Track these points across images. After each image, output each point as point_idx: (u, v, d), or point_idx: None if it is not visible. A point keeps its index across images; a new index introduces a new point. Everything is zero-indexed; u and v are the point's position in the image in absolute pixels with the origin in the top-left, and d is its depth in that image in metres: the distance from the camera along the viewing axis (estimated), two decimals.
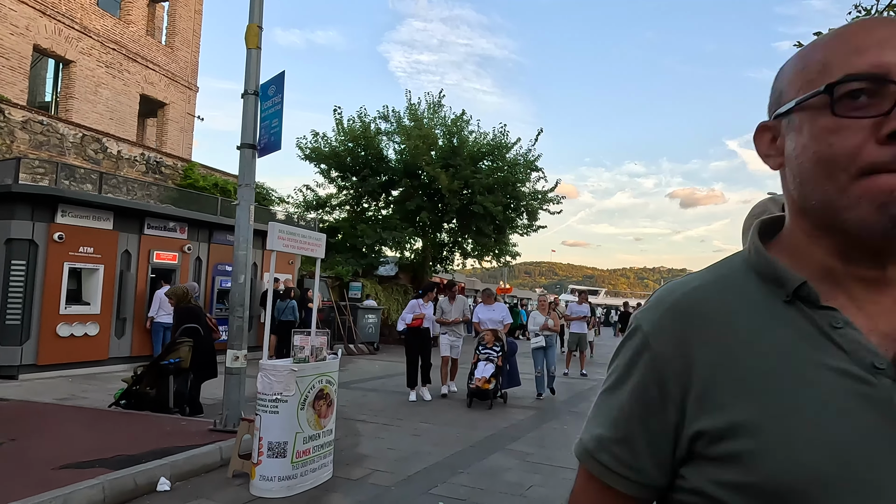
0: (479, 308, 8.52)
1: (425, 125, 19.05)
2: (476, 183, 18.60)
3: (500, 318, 8.21)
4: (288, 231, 4.44)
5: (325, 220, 20.62)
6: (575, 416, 7.35)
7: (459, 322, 8.38)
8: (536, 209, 20.71)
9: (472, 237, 20.51)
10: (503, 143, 19.82)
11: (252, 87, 5.30)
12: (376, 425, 6.34)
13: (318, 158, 19.59)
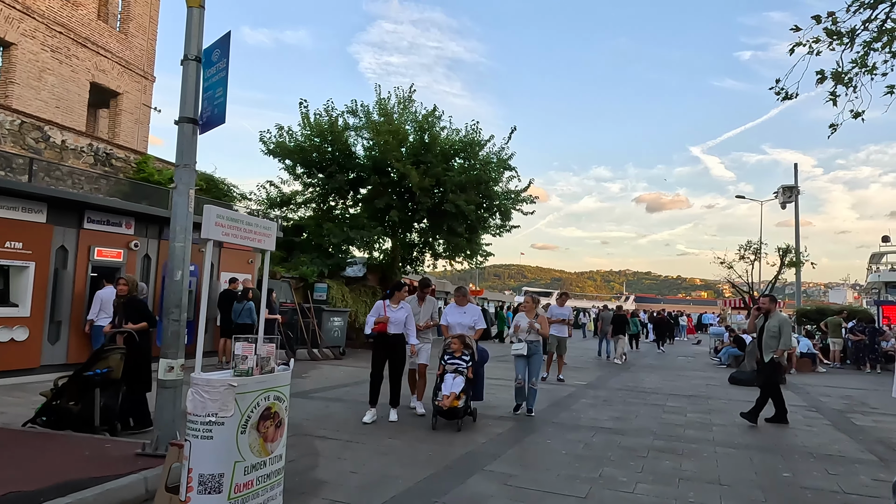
0: (448, 309, 7.43)
1: (395, 120, 18.34)
2: (448, 181, 17.96)
3: (470, 323, 7.10)
4: (229, 217, 3.69)
5: (290, 217, 19.71)
6: (557, 428, 6.74)
7: (431, 326, 7.40)
8: (509, 209, 20.19)
9: (444, 237, 19.85)
10: (476, 140, 19.24)
11: (193, 51, 4.54)
12: (338, 443, 5.61)
13: (282, 154, 18.66)
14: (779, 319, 7.71)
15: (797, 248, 17.73)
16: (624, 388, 10.53)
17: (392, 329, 6.65)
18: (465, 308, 7.30)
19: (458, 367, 6.61)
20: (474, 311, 7.34)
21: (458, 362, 6.65)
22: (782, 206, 24.01)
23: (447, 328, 7.22)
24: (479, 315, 7.30)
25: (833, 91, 6.90)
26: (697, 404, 9.05)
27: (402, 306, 6.82)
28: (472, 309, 7.35)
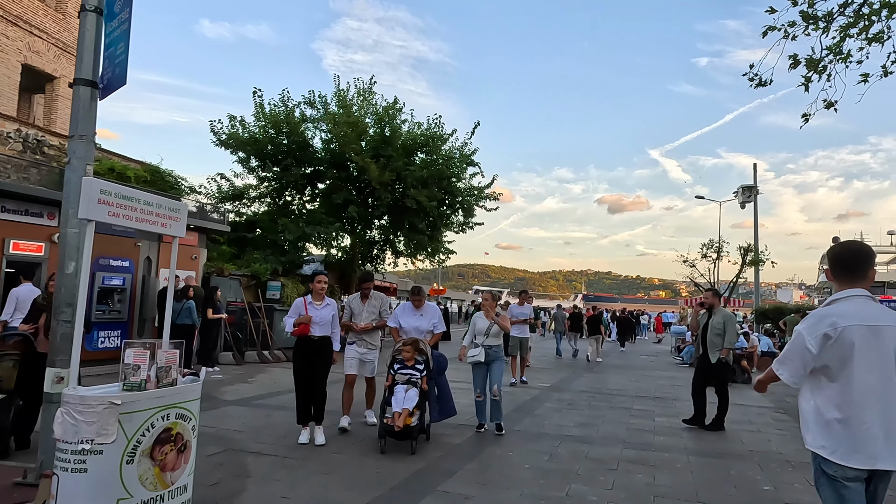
0: (401, 310, 6.27)
1: (355, 113, 17.61)
2: (409, 175, 17.34)
3: (428, 327, 6.07)
4: (119, 194, 2.99)
5: (243, 213, 18.77)
6: (520, 437, 6.20)
7: (374, 329, 6.24)
8: (472, 205, 19.70)
9: (405, 234, 19.23)
10: (438, 134, 18.67)
11: (93, 0, 3.80)
12: (273, 459, 4.94)
13: (235, 145, 17.72)
14: (723, 316, 7.25)
15: (756, 247, 17.73)
16: (589, 391, 10.12)
17: (316, 331, 5.58)
18: (423, 308, 6.24)
19: (411, 377, 5.60)
20: (433, 312, 6.27)
21: (410, 372, 5.64)
22: (741, 206, 24.21)
23: (397, 331, 6.15)
24: (439, 317, 6.27)
25: (807, 76, 6.61)
26: (665, 407, 8.68)
27: (326, 303, 5.72)
28: (430, 310, 6.27)
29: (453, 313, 41.53)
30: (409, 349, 5.75)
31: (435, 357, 6.01)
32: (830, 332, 2.35)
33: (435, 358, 5.99)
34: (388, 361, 5.83)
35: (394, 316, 6.27)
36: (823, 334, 2.36)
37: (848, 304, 2.43)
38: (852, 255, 2.54)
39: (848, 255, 2.55)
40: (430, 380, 5.78)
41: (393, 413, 5.31)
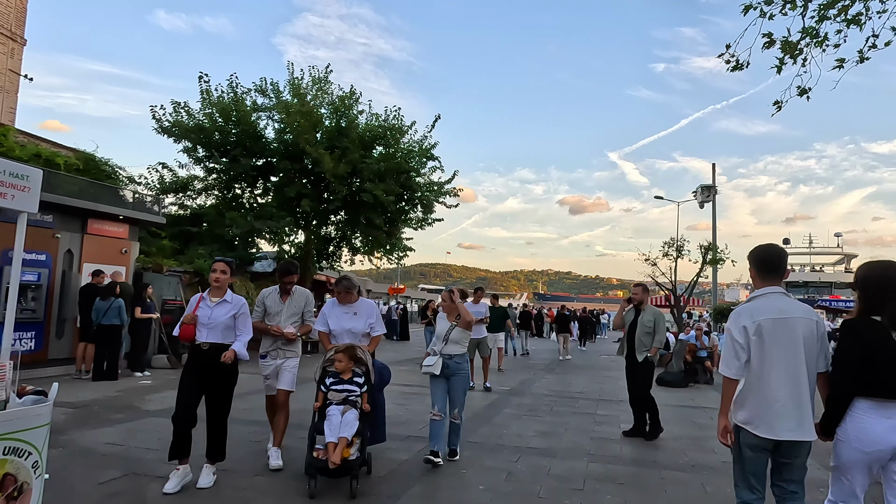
0: (328, 308, 4.97)
1: (309, 102, 16.72)
2: (365, 169, 16.56)
3: (363, 328, 4.78)
4: None
5: (188, 205, 17.63)
6: (475, 450, 5.57)
7: (294, 335, 4.80)
8: (432, 201, 19.03)
9: (361, 230, 18.43)
10: (397, 126, 17.95)
11: None
12: (180, 490, 4.15)
13: (180, 134, 16.59)
14: (653, 313, 6.70)
15: (714, 245, 17.63)
16: (550, 394, 9.60)
17: (206, 336, 4.20)
18: (353, 307, 4.87)
19: (349, 395, 4.35)
20: (368, 309, 4.94)
21: (348, 388, 4.37)
22: (700, 206, 24.33)
23: (328, 336, 4.83)
24: (376, 316, 4.94)
25: (781, 59, 6.21)
26: (629, 412, 8.20)
27: (226, 300, 4.33)
28: (364, 307, 4.93)
29: (412, 313, 40.91)
30: (343, 358, 4.44)
31: (377, 368, 4.78)
32: (749, 325, 2.76)
33: (377, 370, 4.77)
34: (317, 375, 4.57)
35: (321, 317, 4.93)
36: (743, 326, 2.77)
37: (765, 299, 2.84)
38: (771, 256, 2.95)
39: (767, 256, 2.95)
40: (372, 397, 4.58)
41: (327, 444, 4.05)
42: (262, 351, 4.89)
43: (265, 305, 4.91)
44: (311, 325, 4.99)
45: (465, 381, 5.16)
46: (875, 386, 2.59)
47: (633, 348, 6.68)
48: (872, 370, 2.59)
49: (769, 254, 2.96)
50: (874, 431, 2.58)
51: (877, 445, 2.58)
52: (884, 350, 2.58)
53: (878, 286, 2.71)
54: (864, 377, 2.60)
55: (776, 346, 2.73)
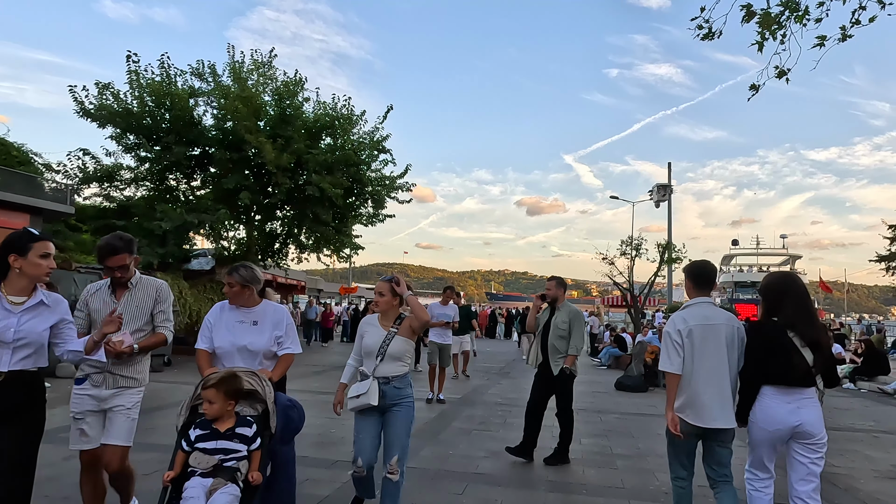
0: (214, 313, 3.37)
1: (250, 87, 15.53)
2: (311, 160, 15.50)
3: (265, 345, 3.25)
4: None
5: (114, 197, 16.15)
6: (415, 479, 4.69)
7: (130, 350, 2.98)
8: (383, 196, 18.10)
9: (308, 226, 17.32)
10: (346, 116, 16.93)
11: None
12: None
13: (106, 118, 15.13)
14: (569, 313, 5.49)
15: (669, 244, 17.33)
16: (505, 402, 8.85)
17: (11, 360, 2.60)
18: (253, 312, 3.30)
19: (224, 458, 2.65)
20: (275, 317, 3.33)
21: (224, 446, 2.68)
22: (656, 205, 24.25)
23: (208, 357, 3.26)
24: (287, 326, 3.33)
25: (761, 33, 5.62)
26: (590, 422, 7.54)
27: (38, 300, 2.74)
28: (270, 314, 3.33)
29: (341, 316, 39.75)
30: (216, 397, 2.71)
31: (282, 408, 3.00)
32: (682, 329, 3.27)
33: (281, 410, 2.98)
34: (180, 421, 2.85)
35: (204, 328, 3.32)
36: (678, 329, 3.28)
37: (696, 307, 3.36)
38: (704, 272, 3.52)
39: (701, 272, 3.51)
40: (268, 457, 2.85)
41: None
42: (80, 373, 3.10)
43: (88, 308, 3.16)
44: (166, 335, 3.21)
45: (408, 414, 3.50)
46: (775, 375, 3.10)
47: (547, 355, 5.55)
48: (773, 362, 3.11)
49: (703, 269, 3.55)
50: (777, 413, 3.09)
51: (778, 425, 3.08)
52: (780, 345, 3.10)
53: (776, 294, 3.27)
54: (767, 368, 3.12)
55: (704, 348, 3.24)
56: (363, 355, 3.61)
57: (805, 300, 3.26)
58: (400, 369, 3.53)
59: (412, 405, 3.58)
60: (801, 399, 3.09)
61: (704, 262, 3.58)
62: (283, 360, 3.30)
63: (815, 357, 3.09)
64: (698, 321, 3.27)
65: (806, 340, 3.09)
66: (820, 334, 3.16)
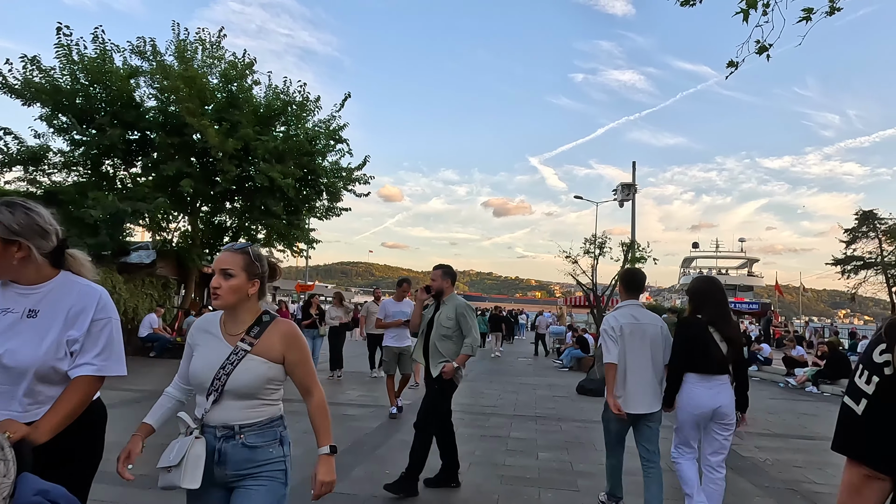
0: None
1: (195, 67, 14.41)
2: (260, 147, 14.46)
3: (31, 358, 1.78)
4: None
5: (40, 182, 14.79)
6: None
7: None
8: (339, 188, 17.17)
9: (256, 217, 16.27)
10: (301, 102, 15.96)
11: None
12: None
13: (32, 95, 13.80)
14: (457, 307, 4.61)
15: (633, 242, 16.92)
16: (457, 409, 8.08)
17: None
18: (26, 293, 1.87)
19: None
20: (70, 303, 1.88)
21: None
22: (620, 205, 23.98)
23: None
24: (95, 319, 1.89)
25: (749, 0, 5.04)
26: (549, 433, 6.86)
27: None
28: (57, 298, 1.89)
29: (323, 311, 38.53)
30: None
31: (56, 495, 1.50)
32: (615, 326, 3.83)
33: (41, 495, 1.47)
34: None
35: None
36: (612, 326, 3.85)
37: (628, 309, 3.95)
38: (634, 278, 4.15)
39: (632, 278, 4.15)
40: None
41: None
42: None
43: None
44: None
45: (272, 495, 1.96)
46: (698, 364, 3.60)
47: (427, 356, 4.66)
48: (696, 353, 3.60)
49: (633, 276, 4.13)
50: (699, 397, 3.59)
51: (702, 408, 3.59)
52: (702, 338, 3.60)
53: (700, 295, 3.74)
54: (691, 358, 3.62)
55: (632, 343, 3.77)
56: (192, 385, 2.08)
57: (723, 301, 3.73)
58: (254, 414, 1.99)
59: (284, 477, 2.02)
60: (719, 385, 3.61)
61: (635, 270, 4.18)
62: (74, 389, 1.85)
63: (728, 349, 3.61)
64: (628, 320, 3.83)
65: (723, 335, 3.61)
66: (734, 331, 3.68)
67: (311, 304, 11.50)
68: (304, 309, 11.49)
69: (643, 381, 3.76)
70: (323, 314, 11.29)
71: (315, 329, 11.00)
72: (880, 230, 28.09)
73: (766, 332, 24.82)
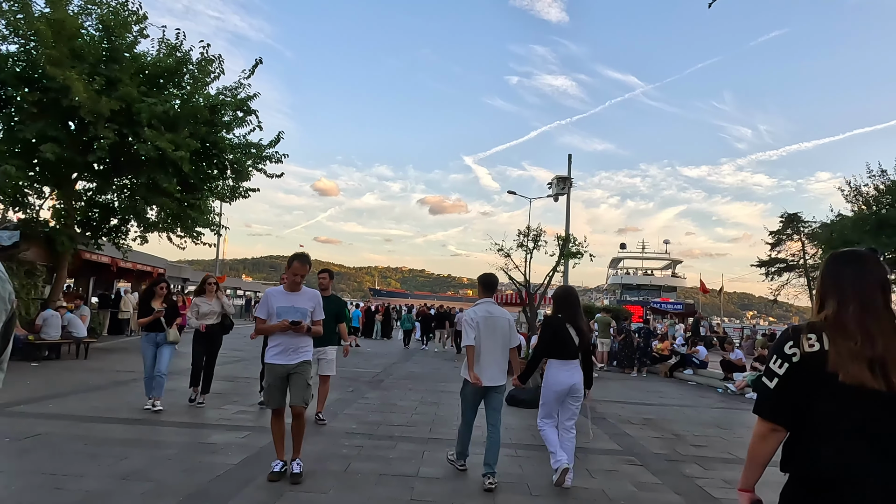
0: None
1: (66, 11, 11.95)
2: (145, 110, 12.19)
3: None
4: None
5: None
6: None
7: None
8: (246, 166, 15.06)
9: (143, 195, 13.91)
10: (201, 63, 13.76)
11: None
12: None
13: None
14: None
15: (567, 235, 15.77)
16: (360, 428, 6.47)
17: None
18: None
19: None
20: None
21: None
22: (555, 199, 23.03)
23: None
24: None
25: None
26: (469, 467, 5.33)
27: None
28: None
29: (239, 307, 35.81)
30: None
31: None
32: (474, 318, 4.85)
33: None
34: None
35: None
36: (470, 318, 4.86)
37: (483, 305, 4.98)
38: (488, 281, 5.23)
39: (486, 281, 5.22)
40: None
41: None
42: None
43: None
44: None
45: None
46: (559, 352, 4.81)
47: None
48: (558, 343, 4.81)
49: (488, 279, 5.26)
50: (560, 376, 4.79)
51: (562, 385, 4.78)
52: (560, 333, 4.82)
53: (561, 300, 5.07)
54: (552, 347, 4.84)
55: (486, 332, 4.83)
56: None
57: (577, 304, 5.06)
58: None
59: None
60: (573, 367, 4.83)
61: (489, 274, 5.31)
62: None
63: (580, 341, 4.85)
64: (483, 315, 4.90)
65: (576, 330, 4.85)
66: (585, 326, 4.98)
67: (153, 293, 7.17)
68: (143, 300, 7.21)
69: (494, 360, 4.82)
70: (175, 308, 7.30)
71: (162, 332, 6.98)
72: (804, 233, 28.76)
73: (695, 332, 24.59)
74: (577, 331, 4.79)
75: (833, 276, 1.76)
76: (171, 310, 7.13)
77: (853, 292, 1.70)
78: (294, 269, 4.70)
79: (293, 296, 4.71)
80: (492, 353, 4.79)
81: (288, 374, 4.62)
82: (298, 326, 4.56)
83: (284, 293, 4.73)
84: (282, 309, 4.63)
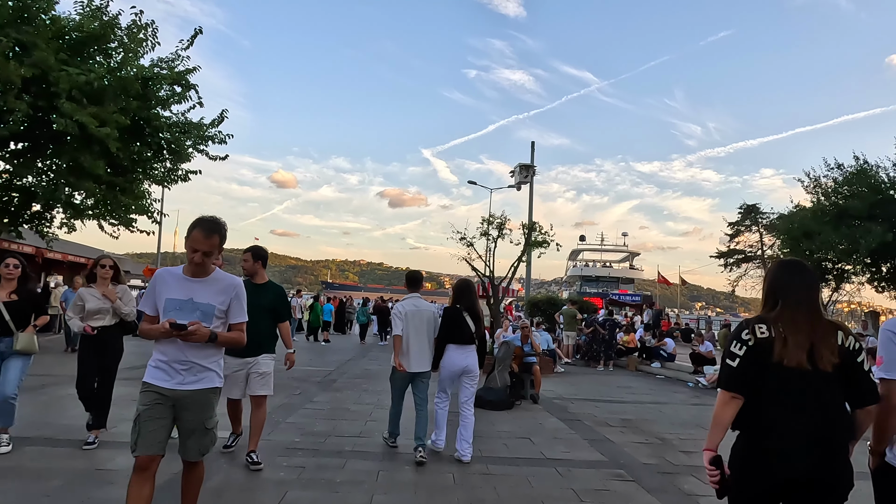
0: None
1: None
2: (63, 80, 10.76)
3: None
4: None
5: None
6: None
7: None
8: (184, 146, 13.72)
9: (65, 178, 12.45)
10: (131, 30, 12.36)
11: None
12: None
13: None
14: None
15: (531, 223, 15.11)
16: (304, 442, 5.51)
17: None
18: None
19: None
20: None
21: None
22: (518, 188, 22.44)
23: None
24: None
25: None
26: (433, 472, 4.47)
27: None
28: None
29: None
30: None
31: None
32: (402, 311, 5.30)
33: None
34: None
35: None
36: (399, 311, 5.31)
37: (409, 299, 5.43)
38: (414, 278, 5.65)
39: (412, 278, 5.65)
40: None
41: None
42: None
43: None
44: None
45: None
46: (455, 337, 5.32)
47: None
48: (455, 329, 5.33)
49: (414, 276, 5.66)
50: (456, 360, 5.30)
51: (456, 367, 5.31)
52: (459, 320, 5.35)
53: (459, 291, 5.62)
54: (450, 333, 5.33)
55: (414, 323, 5.26)
56: None
57: (473, 294, 5.61)
58: None
59: None
60: (468, 351, 5.34)
61: (415, 272, 5.69)
62: None
63: (476, 327, 5.36)
64: (410, 308, 5.32)
65: (472, 318, 5.37)
66: (479, 314, 5.47)
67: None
68: None
69: (420, 349, 5.29)
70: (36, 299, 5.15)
71: (8, 337, 4.81)
72: (762, 224, 29.04)
73: (655, 323, 24.40)
74: (473, 318, 5.36)
75: (784, 280, 2.26)
76: (29, 301, 4.93)
77: (801, 294, 2.22)
78: (193, 241, 2.94)
79: (195, 283, 3.00)
80: (418, 343, 5.25)
81: (174, 404, 2.96)
82: (185, 332, 2.84)
83: (183, 278, 3.02)
84: (172, 302, 2.96)
